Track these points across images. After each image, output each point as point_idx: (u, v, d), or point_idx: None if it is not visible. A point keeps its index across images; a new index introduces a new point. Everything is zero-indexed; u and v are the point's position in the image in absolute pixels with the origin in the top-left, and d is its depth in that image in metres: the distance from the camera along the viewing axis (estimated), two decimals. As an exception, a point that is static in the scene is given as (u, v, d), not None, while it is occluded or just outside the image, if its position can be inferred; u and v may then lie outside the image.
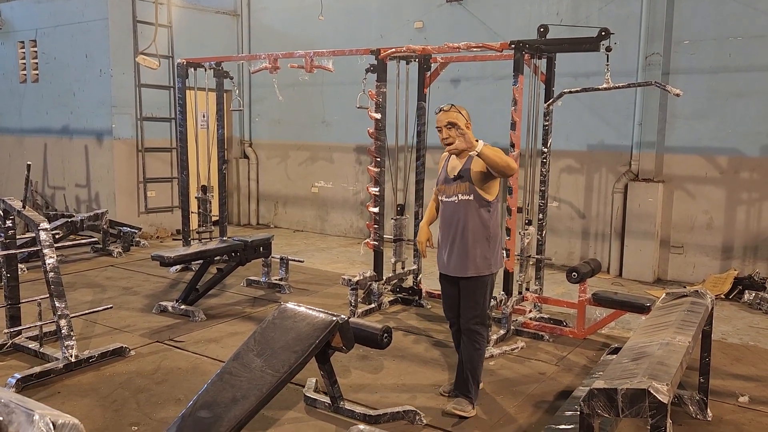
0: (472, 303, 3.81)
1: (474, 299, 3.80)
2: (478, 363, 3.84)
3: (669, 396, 2.36)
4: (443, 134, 3.78)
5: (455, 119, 3.71)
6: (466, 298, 3.82)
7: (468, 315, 3.82)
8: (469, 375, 3.80)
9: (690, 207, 7.00)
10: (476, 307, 3.81)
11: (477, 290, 3.80)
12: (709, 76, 6.74)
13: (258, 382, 3.19)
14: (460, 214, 3.77)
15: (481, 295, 3.81)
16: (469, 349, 3.81)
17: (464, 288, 3.82)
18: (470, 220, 3.75)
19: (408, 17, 8.63)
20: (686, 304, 3.63)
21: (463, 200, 3.76)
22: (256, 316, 5.68)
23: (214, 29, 9.98)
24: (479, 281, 3.79)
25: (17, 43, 9.99)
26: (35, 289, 5.93)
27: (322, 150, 9.78)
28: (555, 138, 6.04)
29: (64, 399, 3.94)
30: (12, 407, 1.54)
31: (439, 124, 3.78)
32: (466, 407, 3.77)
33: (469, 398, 3.80)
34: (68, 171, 9.63)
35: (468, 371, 3.81)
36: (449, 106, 3.78)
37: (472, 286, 3.80)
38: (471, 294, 3.80)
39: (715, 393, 4.05)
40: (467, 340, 3.82)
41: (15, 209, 4.62)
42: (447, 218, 3.86)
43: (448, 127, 3.74)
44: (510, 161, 3.57)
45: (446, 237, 3.86)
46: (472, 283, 3.79)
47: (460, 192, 3.77)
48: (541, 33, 5.31)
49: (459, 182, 3.77)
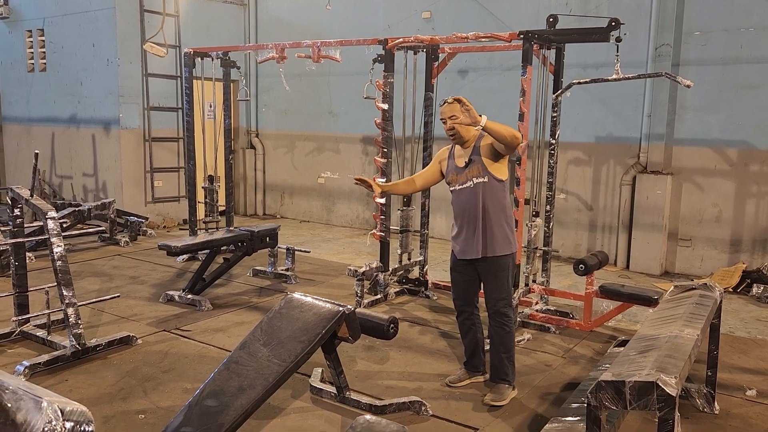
0: (497, 285, 3.86)
1: (499, 281, 3.86)
2: (511, 344, 3.90)
3: (677, 389, 2.35)
4: (447, 125, 3.83)
5: (458, 112, 3.73)
6: (491, 281, 3.87)
7: (495, 297, 3.86)
8: (504, 358, 3.87)
9: (699, 200, 6.95)
10: (502, 289, 3.87)
11: (501, 271, 3.86)
12: (720, 67, 6.68)
13: (264, 371, 3.20)
14: (478, 197, 3.82)
15: (505, 276, 3.88)
16: (499, 333, 3.87)
17: (488, 272, 3.87)
18: (489, 200, 3.81)
19: (416, 7, 8.58)
20: (695, 297, 3.61)
21: (479, 183, 3.81)
22: (263, 306, 5.69)
23: (221, 19, 9.96)
24: (503, 261, 3.85)
25: (25, 32, 10.00)
26: (43, 278, 5.96)
27: (328, 140, 9.76)
28: (563, 129, 6.01)
29: (71, 387, 3.96)
30: (20, 394, 1.55)
31: (444, 116, 3.83)
32: (505, 393, 3.83)
33: (509, 382, 3.88)
34: (75, 160, 9.66)
35: (503, 355, 3.87)
36: (452, 99, 3.81)
37: (495, 268, 3.85)
38: (495, 276, 3.86)
39: (722, 386, 4.04)
40: (496, 324, 3.87)
41: (23, 198, 4.64)
42: (464, 203, 3.89)
43: (452, 119, 3.79)
44: (513, 131, 3.65)
45: (465, 221, 3.89)
46: (496, 264, 3.84)
47: (474, 176, 3.82)
48: (550, 23, 5.27)
49: (471, 166, 3.83)
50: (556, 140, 5.49)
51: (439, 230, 8.69)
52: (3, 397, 1.56)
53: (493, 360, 3.93)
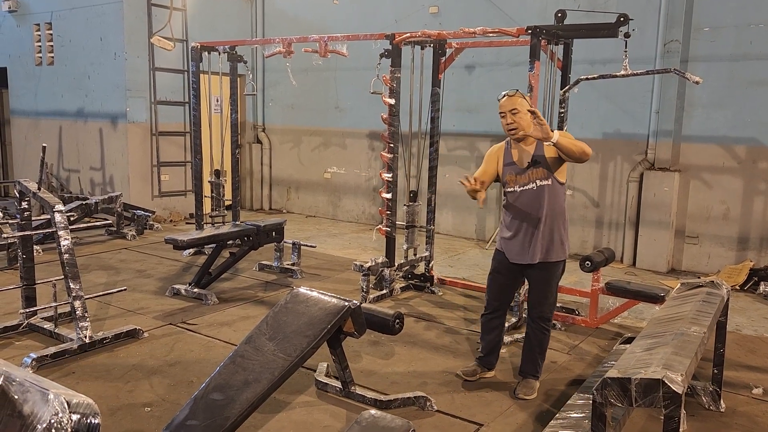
0: (548, 291, 3.84)
1: (550, 287, 3.83)
2: (547, 344, 3.96)
3: (683, 386, 2.34)
4: (507, 120, 3.68)
5: (519, 105, 3.64)
6: (542, 286, 3.83)
7: (542, 303, 3.84)
8: (539, 357, 3.93)
9: (706, 197, 6.91)
10: (550, 295, 3.86)
11: (553, 277, 3.83)
12: (729, 63, 6.63)
13: (270, 365, 3.20)
14: (542, 200, 3.71)
15: (556, 282, 3.87)
16: (538, 336, 3.89)
17: (540, 277, 3.82)
18: (552, 204, 3.72)
19: (423, 2, 8.55)
20: (701, 294, 3.59)
21: (543, 185, 3.70)
22: (269, 300, 5.70)
23: (228, 13, 9.95)
24: (557, 267, 3.82)
25: (33, 25, 10.03)
26: (50, 271, 5.99)
27: (335, 135, 9.76)
28: (570, 126, 5.98)
29: (78, 379, 3.98)
30: (27, 386, 1.56)
31: (503, 109, 3.69)
32: (535, 387, 3.91)
33: (537, 377, 3.95)
34: (83, 154, 9.69)
35: (538, 355, 3.92)
36: (514, 92, 3.70)
37: (548, 274, 3.80)
38: (547, 282, 3.82)
39: (728, 384, 4.02)
40: (537, 328, 3.88)
41: (31, 191, 4.66)
42: (525, 206, 3.76)
43: (512, 113, 3.65)
44: (585, 147, 3.54)
45: (524, 225, 3.77)
46: (549, 270, 3.80)
47: (537, 178, 3.71)
48: (558, 18, 5.24)
49: (534, 168, 3.71)
50: (563, 136, 5.46)
51: (445, 226, 8.68)
52: (10, 389, 1.57)
53: (528, 358, 3.95)
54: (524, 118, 3.64)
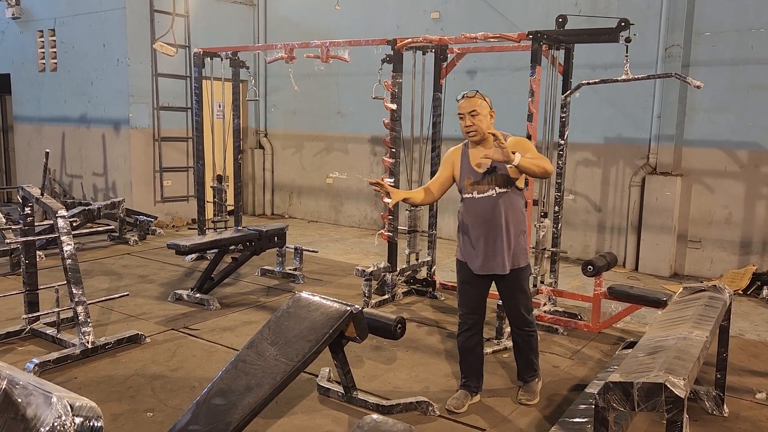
0: (523, 296, 3.79)
1: (522, 290, 3.79)
2: (537, 345, 3.94)
3: (686, 390, 2.34)
4: (466, 122, 3.58)
5: (479, 107, 3.56)
6: (515, 292, 3.77)
7: (520, 307, 3.79)
8: (533, 358, 3.90)
9: (708, 201, 6.91)
10: (527, 300, 3.82)
11: (524, 281, 3.79)
12: (730, 68, 6.64)
13: (272, 370, 3.20)
14: (501, 208, 3.60)
15: (527, 285, 3.84)
16: (527, 340, 3.86)
17: (512, 285, 3.75)
18: (511, 211, 3.63)
19: (424, 7, 8.58)
20: (704, 298, 3.59)
21: (501, 192, 3.59)
22: (271, 305, 5.70)
23: (230, 19, 9.99)
24: (523, 273, 3.77)
25: (36, 32, 10.07)
26: (53, 276, 5.99)
27: (337, 141, 9.78)
28: (572, 130, 5.99)
29: (80, 384, 3.99)
30: (30, 389, 1.56)
31: (462, 111, 3.59)
32: (536, 389, 3.91)
33: (537, 375, 3.94)
34: (86, 159, 9.72)
35: (531, 356, 3.89)
36: (474, 93, 3.61)
37: (519, 279, 3.75)
38: (519, 286, 3.77)
39: (731, 389, 4.01)
40: (524, 334, 3.84)
41: (33, 196, 4.67)
42: (484, 213, 3.62)
43: (471, 115, 3.56)
44: (546, 166, 3.48)
45: (484, 234, 3.64)
46: (517, 277, 3.74)
47: (497, 185, 3.59)
48: (559, 23, 5.25)
49: (494, 174, 3.59)
50: (564, 141, 5.47)
51: (447, 231, 8.68)
52: (13, 392, 1.57)
53: (523, 362, 3.91)
54: (484, 120, 3.56)
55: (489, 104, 3.64)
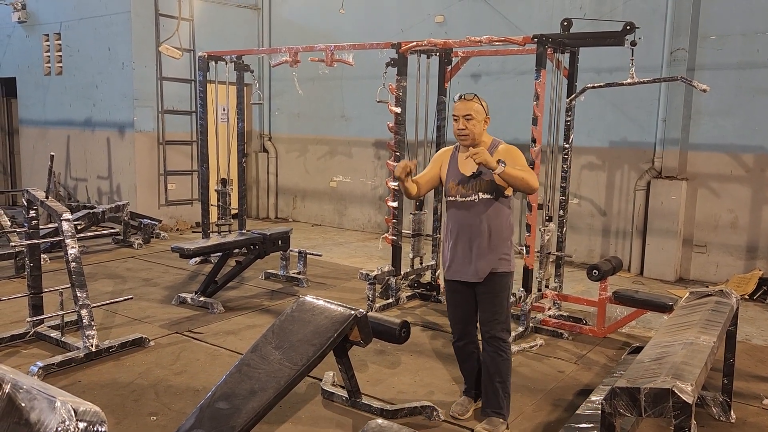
0: (495, 307, 3.50)
1: (497, 302, 3.50)
2: (507, 373, 3.53)
3: (693, 396, 2.32)
4: (459, 124, 3.46)
5: (474, 112, 3.44)
6: (489, 302, 3.51)
7: (491, 321, 3.49)
8: (500, 388, 3.50)
9: (714, 205, 6.88)
10: (500, 312, 3.50)
11: (500, 292, 3.50)
12: (736, 72, 6.61)
13: (276, 374, 3.19)
14: (483, 215, 3.45)
15: (504, 297, 3.52)
16: (495, 360, 3.50)
17: (485, 292, 3.50)
18: (494, 219, 3.46)
19: (429, 11, 8.59)
20: (711, 303, 3.56)
21: (485, 199, 3.45)
22: (274, 309, 5.69)
23: (235, 23, 10.02)
24: (502, 281, 3.50)
25: (42, 36, 10.11)
26: (57, 279, 6.00)
27: (341, 144, 9.78)
28: (577, 134, 5.98)
29: (84, 388, 3.98)
30: (34, 394, 1.55)
31: (457, 113, 3.48)
32: (499, 428, 3.46)
33: (503, 416, 3.50)
34: (90, 163, 9.74)
35: (497, 384, 3.50)
36: (471, 96, 3.49)
37: (494, 288, 3.49)
38: (493, 297, 3.50)
39: (738, 395, 3.98)
40: (492, 350, 3.50)
41: (38, 200, 4.68)
42: (464, 218, 3.50)
43: (466, 118, 3.44)
44: (531, 181, 3.32)
45: (462, 238, 3.51)
46: (494, 285, 3.49)
47: (481, 190, 3.45)
48: (564, 27, 5.24)
49: (479, 179, 3.45)
50: (569, 145, 5.46)
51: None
52: (17, 396, 1.56)
53: (487, 389, 3.54)
54: (477, 126, 3.45)
55: (485, 109, 3.52)
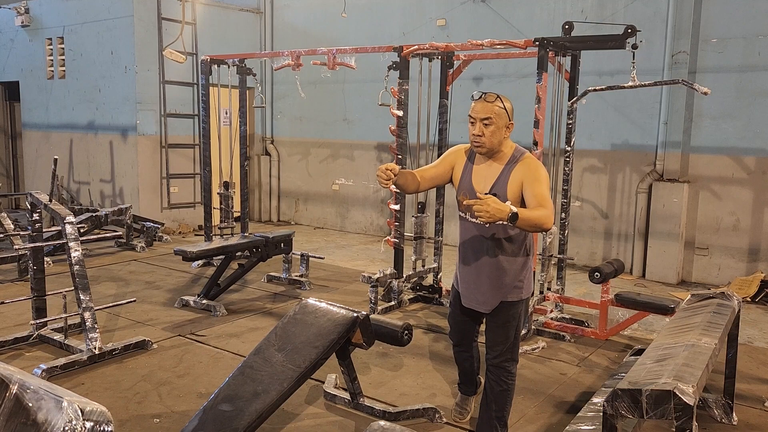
0: (500, 337, 3.20)
1: (504, 332, 3.19)
2: (506, 404, 3.24)
3: (695, 398, 2.32)
4: (475, 129, 3.01)
5: (495, 116, 2.99)
6: (496, 331, 3.22)
7: (497, 350, 3.21)
8: (495, 419, 3.24)
9: (716, 208, 6.88)
10: (506, 342, 3.20)
11: (509, 322, 3.19)
12: (737, 75, 6.62)
13: (279, 376, 3.20)
14: (493, 240, 3.11)
15: (513, 327, 3.20)
16: (495, 389, 3.22)
17: (493, 321, 3.24)
18: (508, 245, 3.11)
19: (431, 15, 8.61)
20: (712, 305, 3.57)
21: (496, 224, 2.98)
22: (277, 311, 5.71)
23: (237, 26, 10.05)
24: (511, 311, 3.18)
25: (45, 39, 10.15)
26: (60, 282, 6.02)
27: (343, 147, 9.80)
28: (578, 137, 5.99)
29: (87, 390, 3.99)
30: (41, 394, 1.57)
31: (474, 115, 3.03)
32: None
33: None
34: (93, 166, 9.77)
35: (493, 413, 3.24)
36: (494, 97, 3.03)
37: (502, 318, 3.19)
38: (502, 327, 3.20)
39: (740, 397, 3.98)
40: (494, 378, 3.22)
41: (42, 203, 4.70)
42: (474, 242, 3.17)
43: (484, 123, 3.00)
44: (545, 222, 2.80)
45: (473, 265, 3.20)
46: (502, 314, 3.18)
47: None
48: (565, 30, 5.26)
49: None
50: (571, 148, 5.47)
51: (453, 238, 8.67)
52: (24, 396, 1.58)
53: (482, 414, 3.32)
54: (496, 133, 2.99)
55: (509, 113, 3.05)
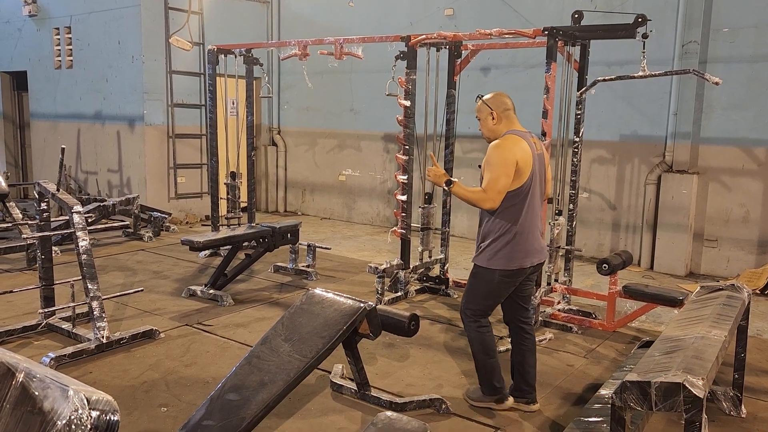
0: (468, 287, 3.75)
1: (470, 285, 3.72)
2: (475, 347, 3.71)
3: (705, 390, 2.31)
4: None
5: (478, 112, 3.73)
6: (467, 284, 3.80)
7: (464, 296, 3.77)
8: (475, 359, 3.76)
9: (725, 200, 6.83)
10: (468, 293, 3.71)
11: (473, 277, 3.69)
12: (749, 65, 6.55)
13: (286, 366, 3.21)
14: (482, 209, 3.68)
15: (477, 285, 3.67)
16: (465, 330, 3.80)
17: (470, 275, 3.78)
18: (486, 213, 3.63)
19: (438, 4, 8.55)
20: (722, 297, 3.54)
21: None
22: (284, 301, 5.71)
23: (244, 16, 10.02)
24: (477, 271, 3.67)
25: (52, 29, 10.15)
26: (68, 272, 6.04)
27: (350, 138, 9.77)
28: (587, 127, 5.94)
29: (95, 379, 4.01)
30: (47, 382, 1.57)
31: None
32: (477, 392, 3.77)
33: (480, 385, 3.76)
34: (101, 156, 9.79)
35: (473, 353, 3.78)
36: (477, 100, 3.74)
37: (472, 272, 3.72)
38: (470, 279, 3.74)
39: (749, 390, 3.96)
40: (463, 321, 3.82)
41: (49, 192, 4.71)
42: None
43: (478, 119, 3.75)
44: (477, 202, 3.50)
45: None
46: (474, 270, 3.70)
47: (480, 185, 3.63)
48: (575, 19, 5.20)
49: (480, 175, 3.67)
50: (580, 138, 5.43)
51: (460, 228, 8.65)
52: (30, 384, 1.58)
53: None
54: (484, 124, 3.70)
55: (488, 104, 3.68)
